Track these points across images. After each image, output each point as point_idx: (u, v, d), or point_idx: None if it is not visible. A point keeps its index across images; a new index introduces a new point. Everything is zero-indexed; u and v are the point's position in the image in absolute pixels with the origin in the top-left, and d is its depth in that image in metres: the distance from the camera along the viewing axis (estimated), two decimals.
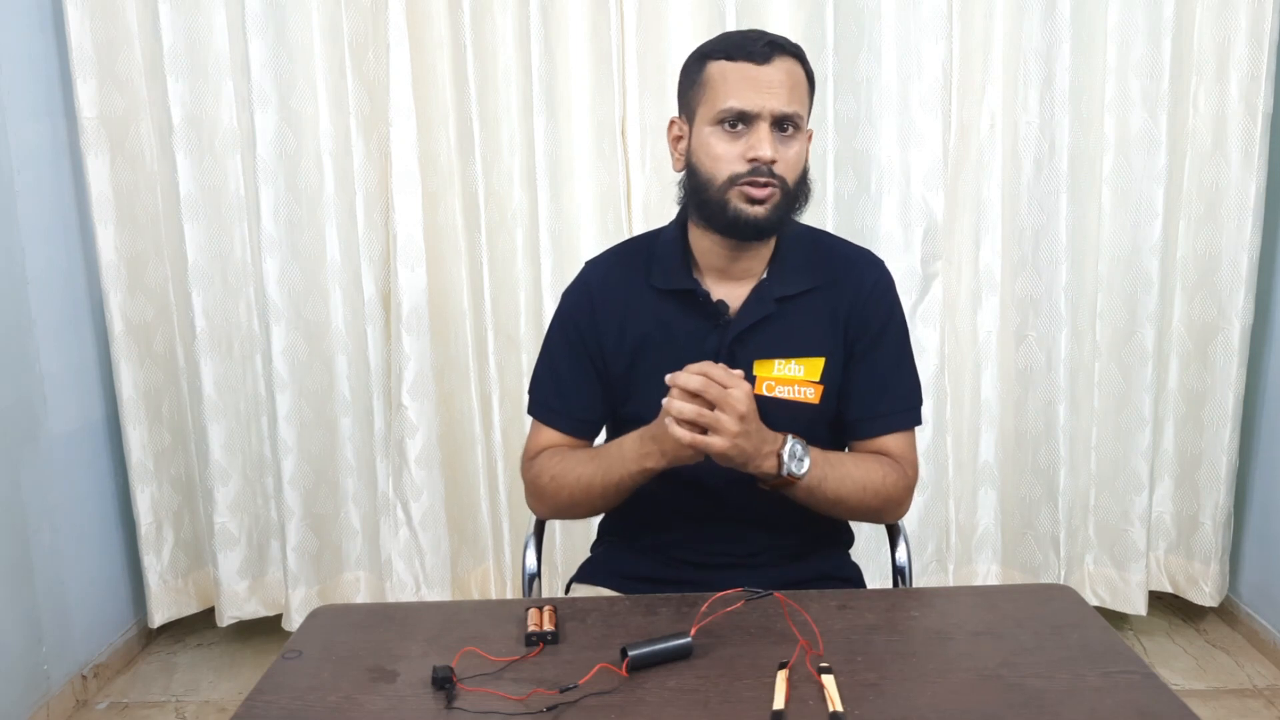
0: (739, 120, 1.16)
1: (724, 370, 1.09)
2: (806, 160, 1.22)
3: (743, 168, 1.16)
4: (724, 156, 1.17)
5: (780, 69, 1.16)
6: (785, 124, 1.17)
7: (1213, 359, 2.31)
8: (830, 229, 2.10)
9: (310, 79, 2.23)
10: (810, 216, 1.32)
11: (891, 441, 1.27)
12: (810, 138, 1.24)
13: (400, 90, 2.20)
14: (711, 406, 1.08)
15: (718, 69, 1.18)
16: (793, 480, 1.15)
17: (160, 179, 2.31)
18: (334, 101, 2.24)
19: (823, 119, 2.17)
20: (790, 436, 1.15)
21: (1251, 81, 2.17)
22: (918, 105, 2.18)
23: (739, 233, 1.19)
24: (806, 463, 1.15)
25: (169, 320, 2.38)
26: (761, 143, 1.15)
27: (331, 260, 2.31)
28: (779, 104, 1.15)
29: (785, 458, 1.14)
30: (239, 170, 2.28)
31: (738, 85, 1.16)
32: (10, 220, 2.08)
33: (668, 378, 1.09)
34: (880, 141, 2.20)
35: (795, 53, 1.19)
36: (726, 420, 1.07)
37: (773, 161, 1.15)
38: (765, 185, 1.16)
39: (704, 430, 1.09)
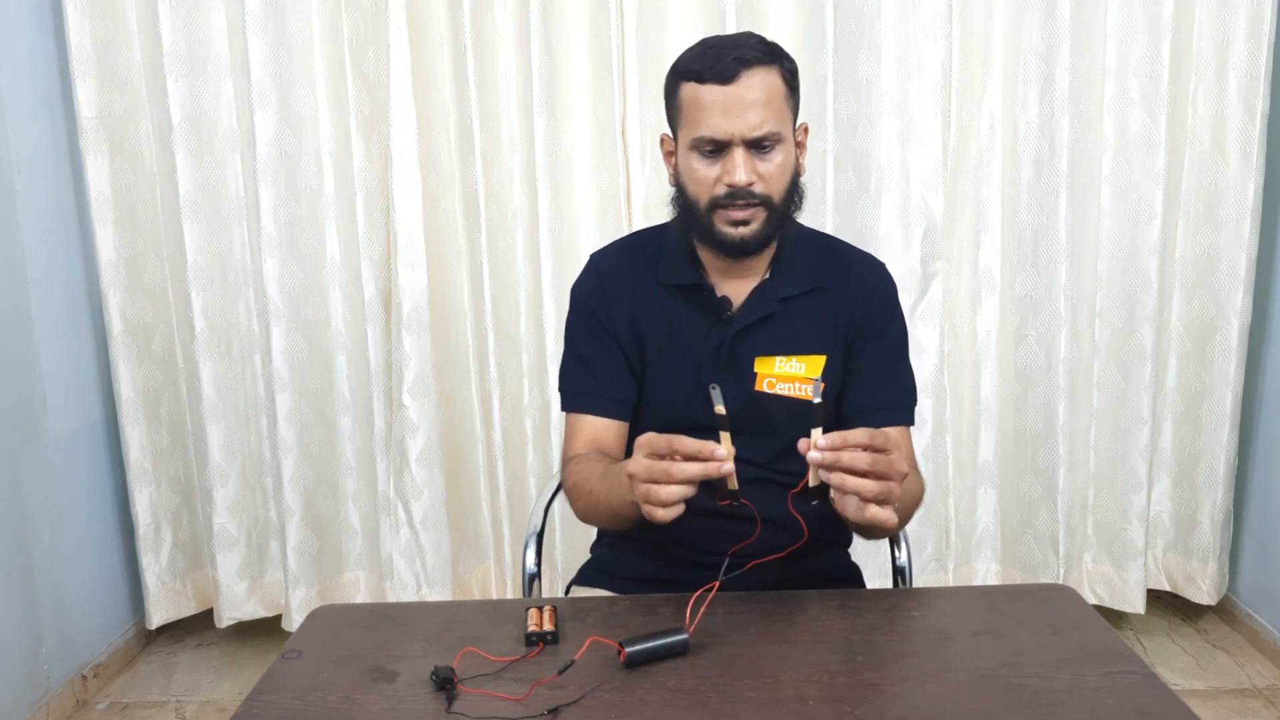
0: (713, 145, 1.16)
1: (861, 433, 0.98)
2: (797, 164, 1.21)
3: (722, 191, 1.17)
4: (704, 181, 1.18)
5: (750, 85, 1.14)
6: (762, 141, 1.16)
7: (1211, 358, 2.31)
8: (830, 229, 2.11)
9: (310, 79, 2.23)
10: (810, 217, 1.32)
11: (892, 434, 1.21)
12: (805, 134, 1.23)
13: (400, 90, 2.20)
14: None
15: (689, 92, 1.16)
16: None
17: (160, 179, 2.30)
18: (334, 101, 2.24)
19: (823, 119, 2.17)
20: None
21: (1250, 81, 2.17)
22: (917, 105, 2.18)
23: (727, 252, 1.21)
24: None
25: (168, 320, 2.37)
26: (736, 168, 1.15)
27: (331, 260, 2.30)
28: (748, 128, 1.14)
29: None
30: (239, 170, 2.28)
31: (708, 112, 1.14)
32: (10, 220, 2.08)
33: (806, 451, 0.99)
34: (880, 141, 2.20)
35: (768, 59, 1.16)
36: (897, 489, 0.99)
37: (750, 184, 1.15)
38: (745, 207, 1.17)
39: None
